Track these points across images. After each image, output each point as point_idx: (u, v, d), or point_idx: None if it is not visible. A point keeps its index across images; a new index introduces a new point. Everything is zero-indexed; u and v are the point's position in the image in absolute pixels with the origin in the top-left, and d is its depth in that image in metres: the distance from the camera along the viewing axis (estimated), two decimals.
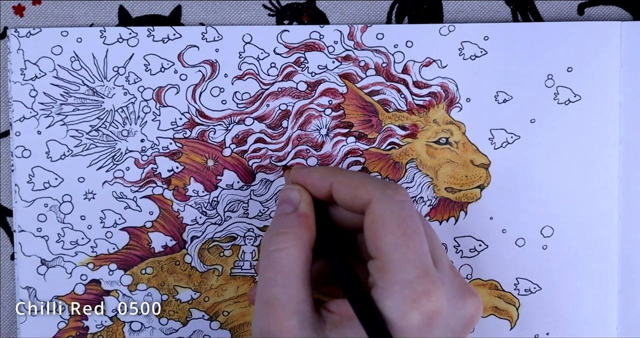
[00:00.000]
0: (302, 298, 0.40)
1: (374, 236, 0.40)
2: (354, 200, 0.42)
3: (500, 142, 0.50)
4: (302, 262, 0.41)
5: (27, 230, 0.49)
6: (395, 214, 0.40)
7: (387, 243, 0.39)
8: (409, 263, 0.39)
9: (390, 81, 0.49)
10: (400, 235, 0.39)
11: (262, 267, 0.41)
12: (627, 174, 0.50)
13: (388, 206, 0.40)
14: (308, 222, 0.43)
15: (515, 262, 0.50)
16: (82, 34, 0.49)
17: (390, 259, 0.39)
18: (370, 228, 0.40)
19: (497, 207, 0.50)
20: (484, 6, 0.50)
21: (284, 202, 0.44)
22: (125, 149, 0.49)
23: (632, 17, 0.50)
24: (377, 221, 0.40)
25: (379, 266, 0.39)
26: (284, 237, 0.41)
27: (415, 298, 0.38)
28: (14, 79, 0.49)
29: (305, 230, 0.42)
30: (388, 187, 0.41)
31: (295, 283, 0.40)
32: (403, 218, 0.40)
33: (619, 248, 0.50)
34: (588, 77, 0.49)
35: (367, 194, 0.41)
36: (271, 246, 0.41)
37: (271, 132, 0.49)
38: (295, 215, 0.43)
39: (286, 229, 0.42)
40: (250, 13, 0.50)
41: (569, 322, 0.50)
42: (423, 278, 0.38)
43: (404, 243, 0.39)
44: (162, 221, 0.49)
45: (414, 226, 0.40)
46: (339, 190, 0.43)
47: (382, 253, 0.39)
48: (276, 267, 0.40)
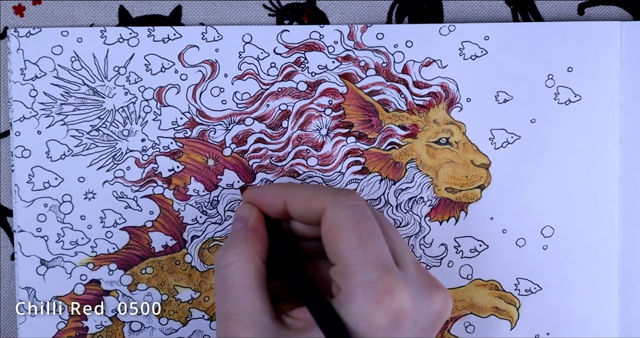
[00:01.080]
0: (258, 309, 0.40)
1: (331, 242, 0.40)
2: (308, 211, 0.42)
3: (501, 142, 0.50)
4: (253, 274, 0.41)
5: (27, 230, 0.49)
6: (349, 219, 0.40)
7: (344, 248, 0.40)
8: (368, 265, 0.39)
9: (390, 81, 0.49)
10: (357, 239, 0.40)
11: (216, 284, 0.42)
12: (627, 174, 0.50)
13: (341, 211, 0.41)
14: (257, 236, 0.43)
15: (515, 262, 0.50)
16: (83, 34, 0.49)
17: (350, 263, 0.39)
18: (327, 235, 0.41)
19: (498, 207, 0.50)
20: (484, 6, 0.50)
21: (237, 220, 0.45)
22: (125, 149, 0.49)
23: (632, 17, 0.50)
24: (332, 228, 0.41)
25: (340, 271, 0.40)
26: (232, 251, 0.42)
27: (379, 298, 0.38)
28: (14, 78, 0.49)
29: (253, 243, 0.43)
30: (339, 193, 0.42)
31: (247, 296, 0.40)
32: (357, 222, 0.40)
33: (619, 248, 0.50)
34: (588, 77, 0.49)
35: (320, 203, 0.42)
36: (221, 262, 0.42)
37: (271, 132, 0.49)
38: (243, 231, 0.44)
39: (234, 244, 0.43)
40: (250, 13, 0.50)
41: (569, 322, 0.50)
42: (384, 277, 0.38)
43: (361, 245, 0.39)
44: (162, 221, 0.49)
45: (369, 228, 0.40)
46: (293, 205, 0.43)
47: (341, 258, 0.40)
48: (228, 282, 0.41)
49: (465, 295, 0.50)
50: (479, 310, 0.51)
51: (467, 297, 0.50)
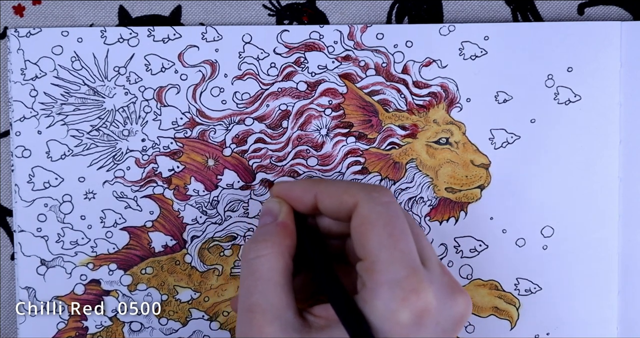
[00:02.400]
0: (283, 305, 0.40)
1: (361, 237, 0.40)
2: (339, 206, 0.42)
3: (501, 142, 0.50)
4: (281, 269, 0.41)
5: (27, 230, 0.49)
6: (381, 215, 0.40)
7: (374, 244, 0.40)
8: (396, 263, 0.39)
9: (390, 81, 0.49)
10: (387, 236, 0.40)
11: (243, 276, 0.42)
12: (627, 174, 0.50)
13: (374, 207, 0.41)
14: (287, 231, 0.43)
15: (515, 262, 0.50)
16: (83, 34, 0.49)
17: (378, 259, 0.39)
18: (357, 230, 0.41)
19: (498, 207, 0.50)
20: (484, 6, 0.50)
21: (265, 214, 0.45)
22: (126, 149, 0.49)
23: (632, 17, 0.50)
24: (363, 223, 0.40)
25: (367, 267, 0.40)
26: (263, 244, 0.42)
27: (404, 297, 0.38)
28: (14, 78, 0.49)
29: (283, 238, 0.43)
30: (373, 189, 0.42)
31: (274, 290, 0.40)
32: (389, 219, 0.40)
33: (619, 248, 0.50)
34: (588, 77, 0.49)
35: (352, 199, 0.41)
36: (250, 254, 0.42)
37: (271, 132, 0.49)
38: (274, 225, 0.44)
39: (265, 237, 0.42)
40: (250, 13, 0.50)
41: (569, 322, 0.50)
42: (411, 277, 0.38)
43: (391, 243, 0.39)
44: (162, 221, 0.49)
45: (400, 226, 0.40)
46: (324, 200, 0.43)
47: (369, 254, 0.40)
48: (255, 274, 0.41)
49: None
50: (478, 310, 0.51)
51: None
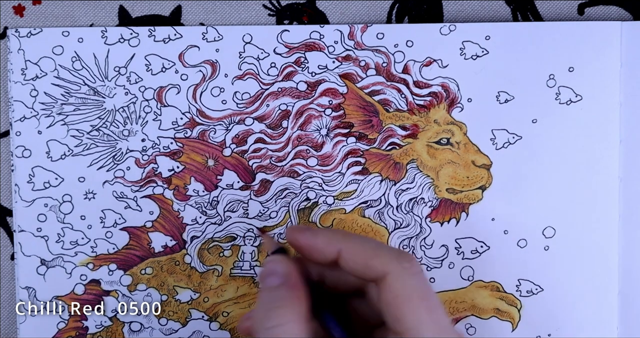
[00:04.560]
0: None
1: (397, 311, 0.40)
2: (365, 270, 0.41)
3: (502, 142, 0.50)
4: (305, 335, 0.40)
5: (27, 230, 0.49)
6: (415, 289, 0.40)
7: (412, 320, 0.39)
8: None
9: (391, 81, 0.49)
10: (425, 310, 0.39)
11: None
12: (627, 174, 0.50)
13: (408, 280, 0.40)
14: (300, 294, 0.41)
15: (517, 263, 0.50)
16: (83, 34, 0.49)
17: (419, 333, 0.39)
18: (392, 304, 0.40)
19: (499, 208, 0.50)
20: (484, 6, 0.50)
21: (269, 275, 0.42)
22: (126, 149, 0.49)
23: (632, 17, 0.50)
24: (398, 296, 0.40)
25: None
26: (282, 311, 0.40)
27: None
28: (15, 78, 0.49)
29: (300, 303, 0.41)
30: (403, 258, 0.41)
31: None
32: (424, 293, 0.40)
33: (619, 248, 0.50)
34: (589, 77, 0.49)
35: (382, 267, 0.40)
36: (270, 322, 0.40)
37: (271, 132, 0.49)
38: (286, 288, 0.41)
39: (280, 303, 0.40)
40: (250, 13, 0.50)
41: (570, 323, 0.50)
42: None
43: (430, 318, 0.39)
44: (162, 221, 0.49)
45: (434, 300, 0.40)
46: (349, 259, 0.41)
47: (408, 330, 0.39)
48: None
49: (466, 297, 0.50)
50: (480, 311, 0.50)
51: (468, 299, 0.50)
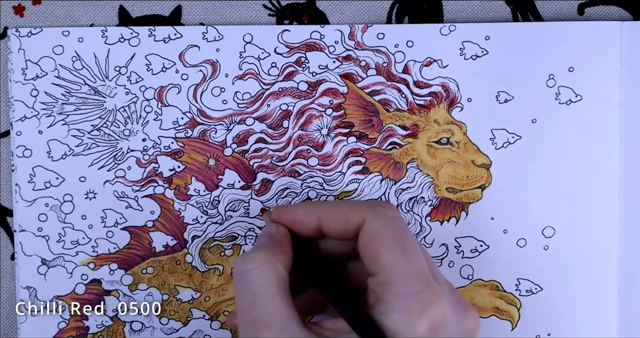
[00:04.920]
0: (286, 316, 0.39)
1: (372, 253, 0.40)
2: (345, 225, 0.42)
3: (502, 142, 0.50)
4: (278, 280, 0.40)
5: (28, 230, 0.49)
6: (391, 229, 0.41)
7: (386, 258, 0.40)
8: (412, 276, 0.39)
9: (391, 81, 0.49)
10: (399, 249, 0.40)
11: (238, 290, 0.41)
12: (627, 174, 0.50)
13: (382, 222, 0.41)
14: (280, 247, 0.43)
15: (516, 263, 0.50)
16: (84, 33, 0.49)
17: (393, 273, 0.39)
18: (367, 245, 0.41)
19: (499, 207, 0.50)
20: (484, 6, 0.50)
21: (262, 235, 0.44)
22: (126, 148, 0.49)
23: (632, 17, 0.50)
24: (374, 238, 0.41)
25: (382, 281, 0.40)
26: (255, 255, 0.41)
27: (422, 309, 0.38)
28: (15, 78, 0.49)
29: (277, 251, 0.42)
30: (378, 205, 0.42)
31: (274, 302, 0.39)
32: (399, 233, 0.41)
33: (619, 248, 0.50)
34: (589, 77, 0.49)
35: (358, 216, 0.42)
36: (243, 266, 0.41)
37: (272, 132, 0.49)
38: (268, 241, 0.43)
39: (256, 249, 0.42)
40: (250, 13, 0.50)
41: (569, 323, 0.50)
42: (427, 290, 0.39)
43: (404, 256, 0.40)
44: (163, 220, 0.49)
45: (410, 240, 0.41)
46: (329, 221, 0.43)
47: (383, 268, 0.40)
48: (252, 288, 0.40)
49: (466, 296, 0.50)
50: (479, 310, 0.51)
51: (468, 298, 0.50)
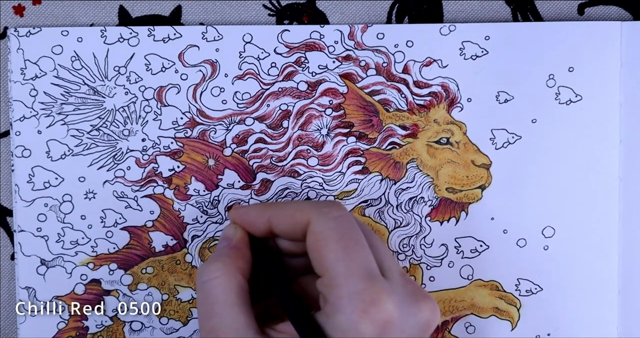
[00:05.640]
0: (242, 325, 0.40)
1: (316, 254, 0.41)
2: (293, 227, 0.43)
3: (502, 142, 0.50)
4: (235, 289, 0.41)
5: (27, 230, 0.49)
6: (333, 230, 0.41)
7: (329, 259, 0.40)
8: (353, 275, 0.39)
9: (391, 81, 0.49)
10: (341, 249, 0.40)
11: (199, 300, 0.42)
12: (627, 174, 0.50)
13: (325, 223, 0.41)
14: (238, 253, 0.43)
15: (516, 263, 0.50)
16: (83, 33, 0.49)
17: (336, 274, 0.40)
18: (312, 248, 0.41)
19: (498, 207, 0.50)
20: (484, 6, 0.50)
21: (221, 239, 0.45)
22: (126, 148, 0.49)
23: (632, 17, 0.50)
24: (317, 239, 0.41)
25: (326, 282, 0.40)
26: (214, 266, 0.42)
27: (365, 308, 0.38)
28: (14, 78, 0.49)
29: (235, 259, 0.43)
30: (324, 205, 0.42)
31: (231, 311, 0.40)
32: (342, 233, 0.41)
33: (619, 248, 0.50)
34: (589, 77, 0.49)
35: (304, 217, 0.42)
36: (203, 277, 0.42)
37: (272, 132, 0.49)
38: (226, 248, 0.44)
39: (215, 259, 0.43)
40: (250, 13, 0.50)
41: (569, 323, 0.50)
42: (370, 288, 0.39)
43: (346, 256, 0.40)
44: (162, 220, 0.49)
45: (354, 238, 0.41)
46: (278, 223, 0.43)
47: (326, 270, 0.40)
48: (210, 298, 0.41)
49: (465, 296, 0.50)
50: (479, 310, 0.51)
51: (468, 298, 0.50)
